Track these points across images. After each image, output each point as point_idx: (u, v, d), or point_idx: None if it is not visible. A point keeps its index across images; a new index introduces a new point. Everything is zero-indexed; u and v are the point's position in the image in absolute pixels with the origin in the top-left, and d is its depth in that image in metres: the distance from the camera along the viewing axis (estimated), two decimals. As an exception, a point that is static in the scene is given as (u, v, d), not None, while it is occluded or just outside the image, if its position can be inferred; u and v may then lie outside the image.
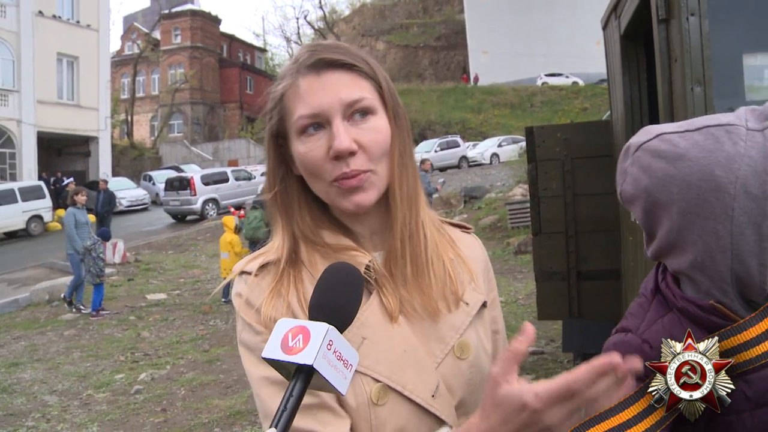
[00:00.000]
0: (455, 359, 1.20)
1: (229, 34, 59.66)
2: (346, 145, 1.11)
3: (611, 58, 4.13)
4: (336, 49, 1.17)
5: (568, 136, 4.87)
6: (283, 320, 0.94)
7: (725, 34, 2.52)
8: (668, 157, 1.04)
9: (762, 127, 1.00)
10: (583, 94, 45.44)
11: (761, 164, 0.97)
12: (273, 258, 1.20)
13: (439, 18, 65.05)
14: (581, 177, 4.79)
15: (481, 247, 1.40)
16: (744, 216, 0.99)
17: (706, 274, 1.06)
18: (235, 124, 52.56)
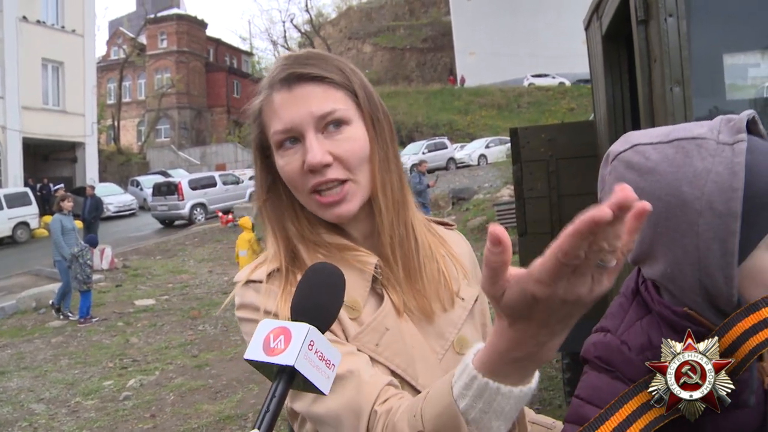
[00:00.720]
0: (455, 354, 1.23)
1: (216, 38, 59.54)
2: (318, 158, 1.13)
3: (594, 58, 4.15)
4: (308, 61, 1.18)
5: (553, 136, 4.89)
6: (265, 321, 0.93)
7: (704, 35, 2.54)
8: (639, 170, 1.05)
9: (733, 140, 0.99)
10: (570, 94, 45.63)
11: (727, 181, 0.97)
12: (275, 266, 1.21)
13: (426, 20, 65.16)
14: (566, 177, 4.81)
15: (465, 242, 1.44)
16: (709, 232, 0.99)
17: (677, 285, 1.06)
18: (222, 128, 52.43)
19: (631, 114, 3.65)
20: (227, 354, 8.86)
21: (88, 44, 32.70)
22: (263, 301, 1.17)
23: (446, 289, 1.26)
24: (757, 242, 1.00)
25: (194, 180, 26.80)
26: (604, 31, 3.58)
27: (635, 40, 2.60)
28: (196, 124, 51.92)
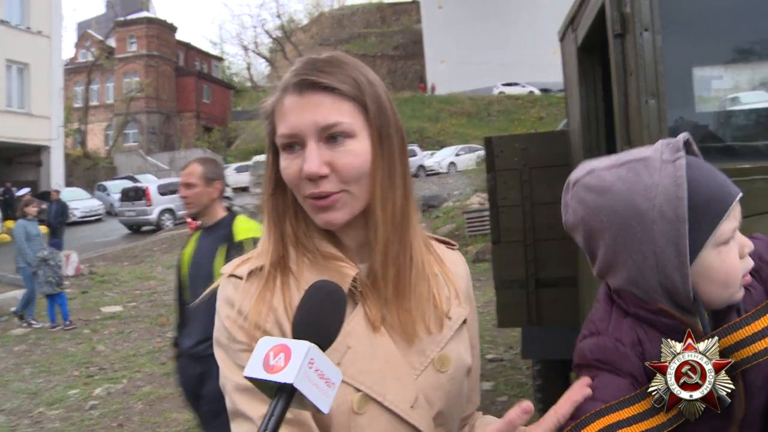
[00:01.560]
0: (435, 372, 1.22)
1: (186, 42, 59.01)
2: (314, 169, 1.13)
3: (568, 69, 4.20)
4: (324, 68, 1.18)
5: (526, 146, 4.93)
6: (266, 338, 0.94)
7: (675, 48, 2.58)
8: (598, 191, 1.19)
9: (674, 158, 1.14)
10: (540, 103, 46.13)
11: (673, 191, 1.11)
12: (260, 263, 1.21)
13: (397, 27, 65.46)
14: (539, 186, 4.85)
15: (464, 263, 1.44)
16: (663, 237, 1.12)
17: (641, 288, 1.17)
18: (191, 133, 51.93)
19: (605, 124, 3.69)
20: (207, 356, 8.76)
21: (54, 46, 32.16)
22: (239, 299, 1.18)
23: (435, 311, 1.26)
24: (703, 244, 1.14)
25: (163, 185, 26.48)
26: (579, 43, 3.63)
27: (611, 53, 2.63)
28: (165, 129, 51.35)
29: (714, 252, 1.14)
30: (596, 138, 3.71)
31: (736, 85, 3.51)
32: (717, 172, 1.17)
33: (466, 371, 1.29)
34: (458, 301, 1.32)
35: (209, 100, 54.42)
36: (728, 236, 1.14)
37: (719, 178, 1.16)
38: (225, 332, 1.18)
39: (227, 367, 1.17)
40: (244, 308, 1.17)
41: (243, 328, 1.16)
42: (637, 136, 2.46)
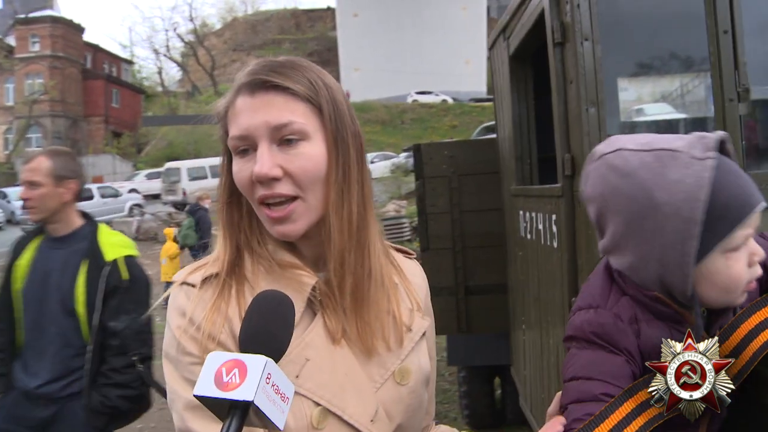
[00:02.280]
0: (395, 384, 1.19)
1: (94, 44, 56.70)
2: (265, 170, 1.08)
3: (499, 78, 4.26)
4: (278, 69, 1.13)
5: (455, 153, 4.97)
6: (215, 353, 0.88)
7: (612, 58, 2.64)
8: (620, 173, 1.16)
9: (703, 156, 1.11)
10: (453, 111, 46.95)
11: (695, 192, 1.09)
12: (214, 270, 1.16)
13: (312, 34, 65.34)
14: (468, 193, 4.90)
15: (422, 273, 1.40)
16: (673, 234, 1.11)
17: (639, 276, 1.17)
18: (99, 138, 49.93)
19: (536, 131, 3.76)
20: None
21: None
22: (192, 309, 1.12)
23: (395, 324, 1.22)
24: (713, 247, 1.12)
25: (70, 192, 25.37)
26: (511, 51, 3.67)
27: (551, 62, 2.66)
28: (71, 134, 49.13)
29: (722, 257, 1.13)
30: (527, 145, 3.77)
31: (640, 97, 3.66)
32: (744, 178, 1.15)
33: (425, 381, 1.26)
34: (420, 313, 1.29)
35: (119, 104, 52.49)
36: (739, 243, 1.13)
37: (744, 184, 1.14)
38: (175, 343, 1.11)
39: (176, 382, 1.11)
40: (197, 317, 1.11)
41: (195, 339, 1.09)
42: (577, 143, 2.50)
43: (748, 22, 2.45)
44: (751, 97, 2.46)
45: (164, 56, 66.79)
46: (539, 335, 3.34)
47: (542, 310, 3.21)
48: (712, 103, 2.52)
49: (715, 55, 2.43)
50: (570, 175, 2.56)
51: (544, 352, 3.22)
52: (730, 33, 2.42)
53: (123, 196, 27.08)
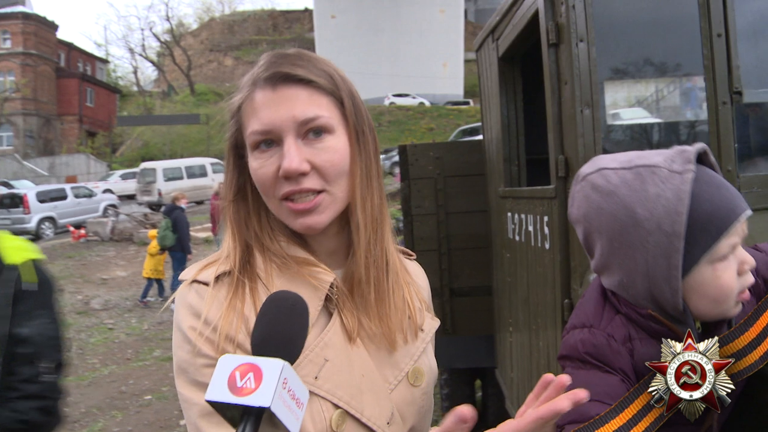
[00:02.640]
0: (408, 386, 1.17)
1: (68, 42, 55.96)
2: (294, 165, 1.05)
3: (486, 79, 4.24)
4: (296, 62, 1.10)
5: (441, 154, 4.96)
6: (227, 357, 0.84)
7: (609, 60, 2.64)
8: (602, 192, 1.19)
9: (683, 170, 1.13)
10: (430, 114, 47.06)
11: (674, 205, 1.11)
12: (226, 268, 1.11)
13: (289, 36, 65.11)
14: (454, 195, 4.90)
15: (423, 274, 1.39)
16: (657, 248, 1.12)
17: (630, 293, 1.19)
18: (73, 138, 49.27)
19: (525, 133, 3.75)
20: (84, 379, 8.26)
21: None
22: (206, 308, 1.07)
23: (411, 320, 1.21)
24: (698, 259, 1.14)
25: (43, 192, 24.96)
26: (500, 53, 3.67)
27: (545, 63, 2.66)
28: (44, 133, 48.43)
29: (709, 268, 1.14)
30: (516, 146, 3.76)
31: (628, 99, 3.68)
32: (726, 188, 1.16)
33: (435, 382, 1.26)
34: (430, 313, 1.29)
35: (93, 103, 51.82)
36: (725, 253, 1.14)
37: (726, 194, 1.15)
38: (188, 346, 1.07)
39: (188, 388, 1.06)
40: (212, 318, 1.06)
41: (211, 341, 1.05)
42: (571, 145, 2.49)
43: (741, 26, 2.46)
44: (744, 100, 2.48)
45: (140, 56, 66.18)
46: (528, 337, 3.33)
47: (532, 311, 3.20)
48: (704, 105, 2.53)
49: (709, 58, 2.44)
50: (564, 176, 2.55)
51: (533, 353, 3.21)
52: (723, 36, 2.43)
53: (97, 197, 26.70)
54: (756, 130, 2.77)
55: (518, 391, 3.67)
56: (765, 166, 2.71)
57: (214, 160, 32.75)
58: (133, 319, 11.54)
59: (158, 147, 46.88)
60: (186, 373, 1.07)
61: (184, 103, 56.24)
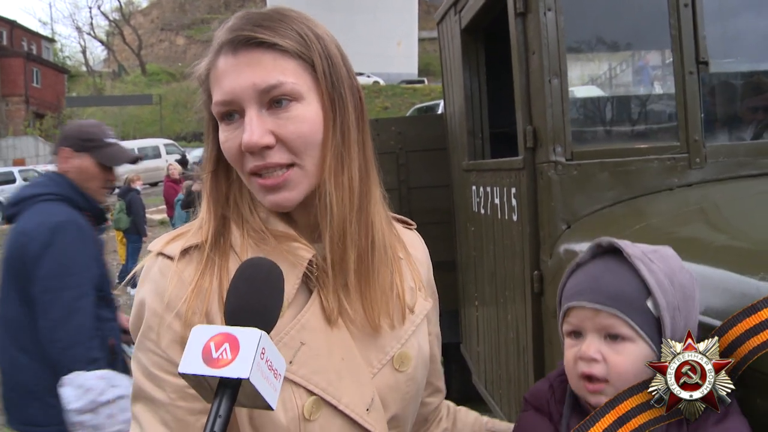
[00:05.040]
0: (393, 371, 1.11)
1: (10, 19, 54.07)
2: (255, 139, 0.97)
3: (448, 53, 4.21)
4: (262, 23, 1.01)
5: (403, 129, 4.92)
6: (200, 327, 0.80)
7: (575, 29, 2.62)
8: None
9: (582, 257, 1.28)
10: (384, 93, 46.96)
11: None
12: (196, 241, 1.04)
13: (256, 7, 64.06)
14: (416, 170, 4.87)
15: (423, 245, 1.32)
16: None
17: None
18: (20, 119, 47.72)
19: (488, 105, 3.73)
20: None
21: None
22: (170, 290, 1.00)
23: (399, 302, 1.13)
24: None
25: (-12, 176, 24.31)
26: (463, 25, 3.63)
27: (512, 33, 2.62)
28: (-12, 115, 46.99)
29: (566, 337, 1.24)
30: (479, 119, 3.74)
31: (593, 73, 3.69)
32: (584, 278, 1.23)
33: (425, 367, 1.19)
34: (423, 293, 1.21)
35: (40, 84, 50.17)
36: (565, 330, 1.23)
37: (577, 283, 1.23)
38: (150, 332, 1.01)
39: (141, 375, 1.02)
40: (175, 301, 0.99)
41: (172, 330, 0.99)
42: (540, 115, 2.47)
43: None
44: (710, 70, 2.48)
45: (88, 35, 64.48)
46: (495, 311, 3.33)
47: (499, 285, 3.20)
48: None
49: (676, 28, 2.43)
50: (532, 147, 2.53)
51: (501, 327, 3.21)
52: (690, 6, 2.42)
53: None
54: (722, 100, 2.80)
55: (485, 365, 3.67)
56: (731, 136, 2.74)
57: (167, 141, 32.17)
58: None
59: (110, 128, 45.92)
60: (143, 359, 1.02)
61: (136, 83, 55.08)
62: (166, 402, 0.99)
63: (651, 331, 1.12)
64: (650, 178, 2.40)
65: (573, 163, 2.40)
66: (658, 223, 2.19)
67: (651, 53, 3.52)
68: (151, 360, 1.00)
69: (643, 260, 1.16)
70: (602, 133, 2.98)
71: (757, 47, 2.90)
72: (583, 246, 2.20)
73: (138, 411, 1.02)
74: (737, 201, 2.24)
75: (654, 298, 1.12)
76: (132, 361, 1.05)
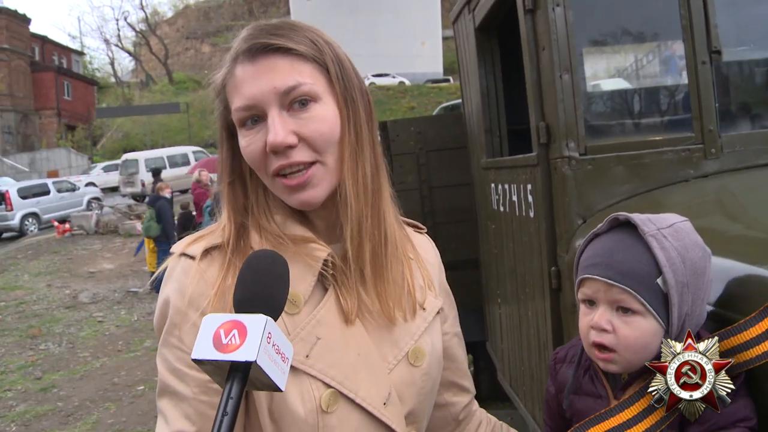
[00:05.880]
0: (408, 366, 1.14)
1: (41, 35, 55.11)
2: (280, 138, 1.01)
3: (464, 52, 4.21)
4: (275, 31, 1.06)
5: (422, 129, 4.93)
6: (211, 315, 0.85)
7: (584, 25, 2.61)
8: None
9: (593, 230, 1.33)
10: (410, 93, 46.88)
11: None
12: (218, 242, 1.08)
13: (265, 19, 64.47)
14: (436, 169, 4.87)
15: (434, 248, 1.35)
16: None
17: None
18: (52, 132, 48.68)
19: (504, 102, 3.72)
20: (76, 372, 8.23)
21: None
22: (192, 288, 1.05)
23: (410, 296, 1.17)
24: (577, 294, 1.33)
25: (24, 188, 24.77)
26: (477, 23, 3.63)
27: (522, 30, 2.62)
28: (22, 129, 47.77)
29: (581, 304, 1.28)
30: (496, 116, 3.73)
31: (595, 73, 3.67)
32: (600, 250, 1.25)
33: (439, 364, 1.22)
34: (433, 292, 1.24)
35: (71, 96, 51.15)
36: (580, 298, 1.26)
37: (593, 255, 1.26)
38: (174, 329, 1.06)
39: (167, 371, 1.08)
40: (198, 300, 1.04)
41: (196, 326, 1.01)
42: (552, 111, 2.47)
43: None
44: (723, 59, 2.46)
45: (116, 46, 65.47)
46: (516, 308, 3.33)
47: (519, 282, 3.19)
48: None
49: (687, 18, 2.41)
50: (545, 143, 2.53)
51: (522, 324, 3.21)
52: (700, -5, 2.40)
53: (80, 190, 26.53)
54: (737, 88, 2.76)
55: (509, 361, 3.67)
56: (746, 125, 2.70)
57: (196, 149, 32.52)
58: (123, 311, 11.48)
59: (139, 138, 46.46)
60: (169, 356, 1.07)
61: (163, 92, 55.79)
62: (189, 396, 1.04)
63: (660, 307, 1.15)
64: (665, 170, 2.39)
65: (587, 157, 2.39)
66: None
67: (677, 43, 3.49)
68: (176, 355, 1.05)
69: (657, 237, 1.18)
70: (617, 126, 2.96)
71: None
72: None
73: (163, 405, 1.07)
74: (754, 190, 2.22)
75: (664, 276, 1.14)
76: (157, 358, 1.10)
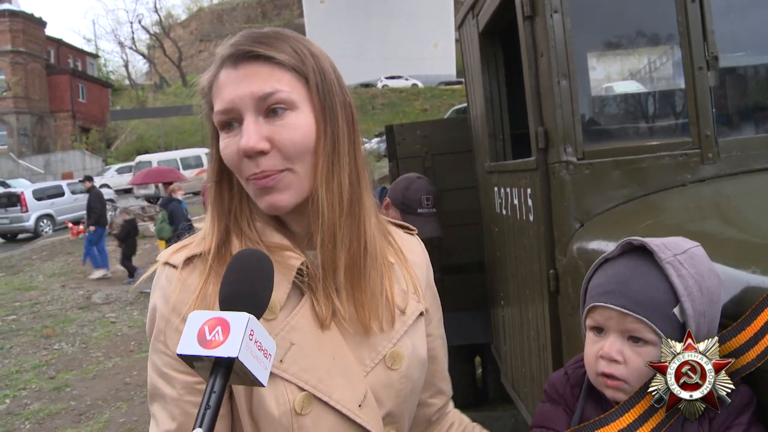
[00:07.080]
0: (386, 369, 1.16)
1: (57, 38, 55.64)
2: (251, 144, 1.04)
3: (469, 56, 4.24)
4: (261, 39, 1.09)
5: (428, 133, 4.95)
6: (196, 312, 0.88)
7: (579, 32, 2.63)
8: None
9: (604, 255, 1.31)
10: (423, 95, 46.94)
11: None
12: (198, 251, 1.12)
13: (279, 22, 64.70)
14: (442, 173, 4.88)
15: (423, 250, 1.37)
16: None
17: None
18: (67, 134, 49.09)
19: (507, 107, 3.75)
20: (89, 372, 8.31)
21: None
22: (174, 296, 1.09)
23: (388, 305, 1.19)
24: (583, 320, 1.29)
25: (39, 190, 25.01)
26: (480, 28, 3.66)
27: (521, 36, 2.65)
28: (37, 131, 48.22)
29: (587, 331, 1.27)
30: (500, 121, 3.76)
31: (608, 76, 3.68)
32: (612, 277, 1.23)
33: (421, 366, 1.24)
34: (416, 296, 1.26)
35: (85, 99, 51.57)
36: (588, 325, 1.25)
37: (604, 282, 1.24)
38: (160, 335, 1.10)
39: (156, 374, 1.12)
40: (180, 306, 1.09)
41: (179, 331, 1.04)
42: (550, 117, 2.50)
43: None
44: (720, 65, 2.48)
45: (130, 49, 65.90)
46: (518, 310, 3.35)
47: (520, 284, 3.22)
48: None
49: (684, 24, 2.44)
50: (543, 148, 2.56)
51: (523, 326, 3.24)
52: (698, 2, 2.42)
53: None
54: (733, 94, 2.78)
55: (512, 364, 3.70)
56: (743, 130, 2.72)
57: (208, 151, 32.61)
58: (135, 311, 11.56)
59: (153, 140, 46.74)
60: (157, 360, 1.12)
61: (177, 94, 56.04)
62: (175, 397, 1.08)
63: (674, 336, 1.12)
64: (662, 174, 2.41)
65: (584, 162, 2.42)
66: (670, 218, 2.20)
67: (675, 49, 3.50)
68: (163, 360, 1.09)
69: (674, 264, 1.15)
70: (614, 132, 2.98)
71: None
72: (596, 244, 2.24)
73: (154, 409, 1.11)
74: (751, 195, 2.23)
75: (682, 306, 1.12)
76: (148, 363, 1.14)
